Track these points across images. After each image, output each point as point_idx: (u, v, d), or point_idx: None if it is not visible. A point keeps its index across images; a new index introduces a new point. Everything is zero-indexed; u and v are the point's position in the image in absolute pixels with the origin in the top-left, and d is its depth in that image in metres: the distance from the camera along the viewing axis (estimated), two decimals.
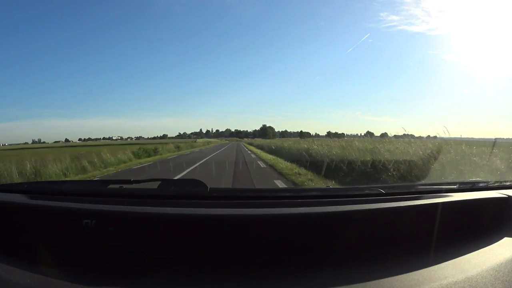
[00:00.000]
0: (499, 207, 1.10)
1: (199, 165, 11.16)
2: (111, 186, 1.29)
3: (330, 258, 0.89)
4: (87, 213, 0.96)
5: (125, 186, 1.31)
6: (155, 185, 1.22)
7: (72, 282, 0.82)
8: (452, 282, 0.76)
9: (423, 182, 4.71)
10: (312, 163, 8.70)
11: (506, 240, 0.96)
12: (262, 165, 11.20)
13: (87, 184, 1.45)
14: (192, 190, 1.16)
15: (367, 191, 1.21)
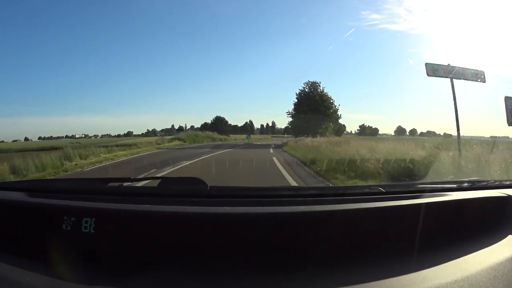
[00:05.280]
0: (499, 206, 1.10)
1: None
2: (111, 184, 1.29)
3: (330, 257, 0.89)
4: (87, 211, 0.96)
5: (125, 184, 1.31)
6: (155, 183, 1.22)
7: (71, 280, 0.82)
8: (452, 281, 0.76)
9: (423, 181, 4.71)
10: None
11: (505, 239, 0.96)
12: None
13: (87, 182, 1.45)
14: (192, 188, 1.16)
15: (366, 190, 1.21)
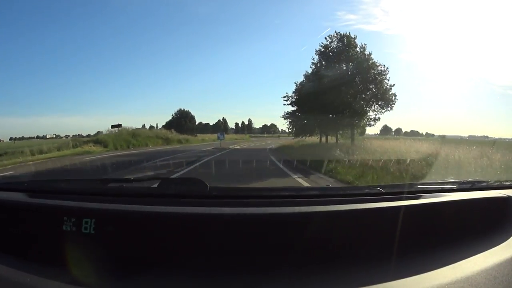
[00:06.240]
0: (499, 207, 1.10)
1: None
2: (111, 184, 1.29)
3: (331, 257, 0.89)
4: (87, 212, 0.96)
5: (125, 184, 1.32)
6: (155, 184, 1.22)
7: (71, 281, 0.82)
8: (452, 282, 0.76)
9: (423, 181, 4.71)
10: None
11: (506, 240, 0.96)
12: None
13: (88, 183, 1.45)
14: (192, 189, 1.16)
15: (366, 191, 1.22)
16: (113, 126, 24.76)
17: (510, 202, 1.11)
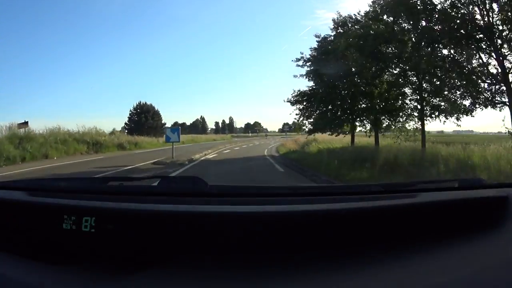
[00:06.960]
0: (499, 205, 1.10)
1: None
2: (111, 183, 1.29)
3: (332, 256, 0.89)
4: (87, 210, 0.96)
5: (125, 183, 1.32)
6: (155, 182, 1.23)
7: (71, 280, 0.82)
8: (451, 281, 0.76)
9: (423, 179, 4.72)
10: None
11: (505, 240, 0.96)
12: None
13: (87, 181, 1.45)
14: (191, 187, 1.16)
15: (366, 189, 1.22)
16: (19, 125, 17.60)
17: (510, 201, 1.11)
